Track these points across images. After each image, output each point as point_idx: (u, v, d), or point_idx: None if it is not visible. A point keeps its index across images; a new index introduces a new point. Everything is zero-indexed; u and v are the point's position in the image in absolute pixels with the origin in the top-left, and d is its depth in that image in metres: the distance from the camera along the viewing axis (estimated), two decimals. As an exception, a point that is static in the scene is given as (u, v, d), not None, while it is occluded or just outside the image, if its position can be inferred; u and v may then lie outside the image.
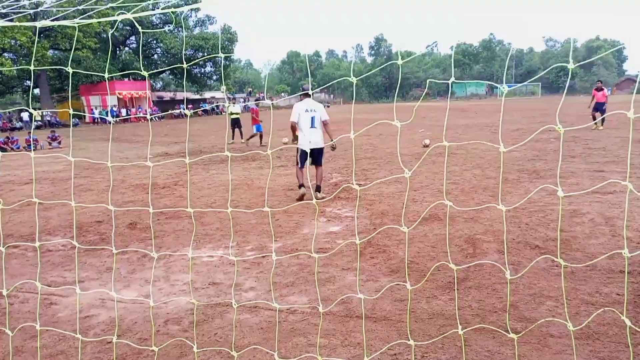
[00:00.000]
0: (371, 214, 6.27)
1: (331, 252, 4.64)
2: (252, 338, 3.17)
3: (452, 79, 1.99)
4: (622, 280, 3.78)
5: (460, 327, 2.07)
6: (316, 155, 7.26)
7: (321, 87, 3.56)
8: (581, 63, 2.16)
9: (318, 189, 7.30)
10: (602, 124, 15.56)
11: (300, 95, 7.18)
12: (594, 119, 16.28)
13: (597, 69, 79.15)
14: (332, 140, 7.32)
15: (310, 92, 7.30)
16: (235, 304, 2.52)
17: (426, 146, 13.09)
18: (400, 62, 2.07)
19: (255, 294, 3.91)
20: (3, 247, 2.60)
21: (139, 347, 3.00)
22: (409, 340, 2.15)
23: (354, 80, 2.12)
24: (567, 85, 2.55)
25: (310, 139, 7.09)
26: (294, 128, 7.53)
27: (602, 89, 16.77)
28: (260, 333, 3.25)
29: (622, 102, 30.06)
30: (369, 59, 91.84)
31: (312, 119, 7.14)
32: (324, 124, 7.26)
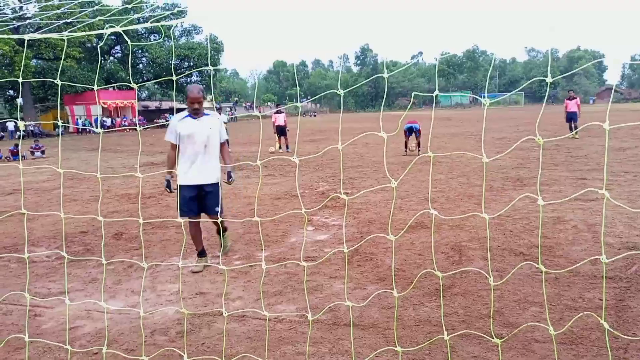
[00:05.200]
0: (358, 222, 6.31)
1: (319, 260, 4.66)
2: (240, 347, 3.17)
3: (437, 91, 2.04)
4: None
5: (446, 333, 2.10)
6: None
7: (310, 99, 3.61)
8: (562, 76, 2.23)
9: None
10: (576, 133, 15.72)
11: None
12: (570, 128, 16.57)
13: (579, 79, 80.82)
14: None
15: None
16: (225, 312, 2.52)
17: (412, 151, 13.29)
18: (386, 75, 2.12)
19: (243, 303, 3.91)
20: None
21: (127, 357, 2.98)
22: (397, 347, 2.17)
23: (341, 92, 2.17)
24: (546, 96, 2.60)
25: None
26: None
27: (573, 98, 17.01)
28: (248, 342, 3.25)
29: (603, 112, 30.65)
30: (355, 69, 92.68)
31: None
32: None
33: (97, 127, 35.43)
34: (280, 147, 16.27)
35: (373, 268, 4.59)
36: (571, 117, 16.75)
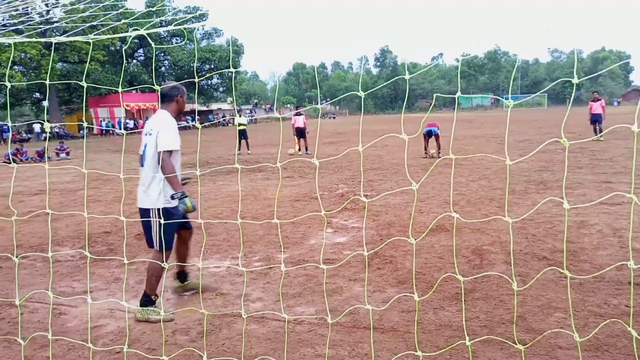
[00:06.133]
0: (378, 225, 6.28)
1: (339, 263, 4.65)
2: (259, 349, 3.18)
3: (459, 93, 2.02)
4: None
5: (467, 338, 2.07)
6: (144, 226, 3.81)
7: (329, 101, 3.61)
8: (588, 77, 2.18)
9: (143, 298, 3.82)
10: (601, 136, 15.41)
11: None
12: (595, 130, 16.22)
13: (604, 80, 79.06)
14: (174, 192, 3.59)
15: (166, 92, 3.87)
16: (244, 314, 2.53)
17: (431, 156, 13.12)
18: (407, 76, 2.11)
19: (262, 305, 3.92)
20: (16, 257, 2.64)
21: (148, 356, 3.02)
22: (417, 352, 2.15)
23: (362, 94, 2.16)
24: (572, 97, 2.55)
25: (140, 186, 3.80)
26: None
27: (598, 100, 16.65)
28: (267, 344, 3.26)
29: (630, 113, 29.95)
30: (375, 71, 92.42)
31: (144, 149, 3.76)
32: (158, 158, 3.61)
33: (120, 129, 36.12)
34: (299, 149, 16.31)
35: (393, 271, 4.56)
36: (595, 119, 16.40)
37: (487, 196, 7.74)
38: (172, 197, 3.61)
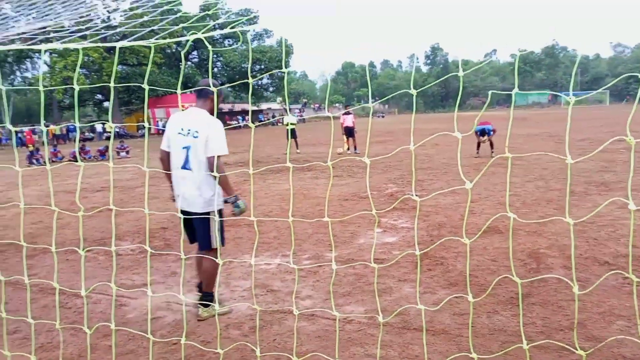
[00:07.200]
0: (428, 226, 6.19)
1: (389, 262, 4.62)
2: (309, 346, 3.22)
3: (516, 89, 1.96)
4: None
5: (525, 342, 2.01)
6: (196, 229, 3.78)
7: (379, 100, 3.59)
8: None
9: (202, 293, 3.90)
10: None
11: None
12: None
13: (673, 75, 73.96)
14: (228, 196, 3.73)
15: (211, 89, 3.57)
16: (296, 311, 2.57)
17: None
18: (461, 72, 2.07)
19: (312, 302, 3.96)
20: (83, 250, 2.80)
21: (203, 348, 3.13)
22: (472, 354, 2.11)
23: (414, 92, 2.14)
24: (638, 93, 2.40)
25: (180, 190, 3.73)
26: (163, 162, 3.98)
27: None
28: (317, 341, 3.29)
29: (702, 110, 27.79)
30: (425, 69, 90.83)
31: (187, 151, 3.65)
32: (210, 163, 3.57)
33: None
34: (348, 149, 16.30)
35: (444, 272, 4.48)
36: None
37: (544, 197, 7.45)
38: (226, 201, 3.71)
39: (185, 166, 3.65)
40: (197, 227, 3.74)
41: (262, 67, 49.73)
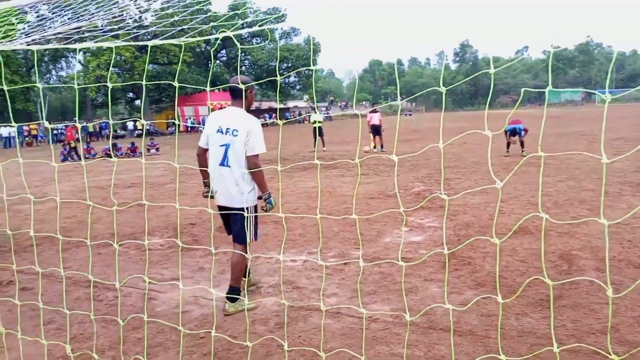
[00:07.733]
0: (455, 225, 6.11)
1: (416, 261, 4.59)
2: (335, 343, 3.22)
3: (550, 86, 1.92)
4: None
5: (555, 344, 1.97)
6: (232, 224, 3.90)
7: (406, 98, 3.57)
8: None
9: (232, 292, 3.84)
10: None
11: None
12: None
13: None
14: (263, 193, 3.82)
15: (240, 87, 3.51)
16: (323, 307, 2.58)
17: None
18: (492, 70, 2.04)
19: (337, 300, 3.97)
20: (117, 244, 2.88)
21: (232, 341, 3.17)
22: (500, 355, 2.08)
23: (443, 90, 2.12)
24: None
25: (218, 186, 3.84)
26: (200, 157, 4.00)
27: None
28: (342, 339, 3.30)
29: None
30: (453, 66, 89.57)
31: (226, 148, 3.75)
32: (249, 161, 3.73)
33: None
34: (374, 147, 16.23)
35: (471, 273, 4.42)
36: None
37: (577, 198, 7.26)
38: (260, 198, 3.86)
39: (223, 163, 3.77)
40: (234, 222, 3.84)
41: (289, 65, 49.98)
